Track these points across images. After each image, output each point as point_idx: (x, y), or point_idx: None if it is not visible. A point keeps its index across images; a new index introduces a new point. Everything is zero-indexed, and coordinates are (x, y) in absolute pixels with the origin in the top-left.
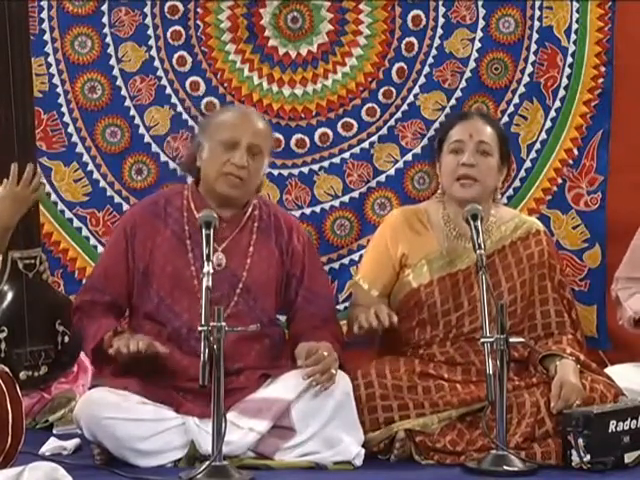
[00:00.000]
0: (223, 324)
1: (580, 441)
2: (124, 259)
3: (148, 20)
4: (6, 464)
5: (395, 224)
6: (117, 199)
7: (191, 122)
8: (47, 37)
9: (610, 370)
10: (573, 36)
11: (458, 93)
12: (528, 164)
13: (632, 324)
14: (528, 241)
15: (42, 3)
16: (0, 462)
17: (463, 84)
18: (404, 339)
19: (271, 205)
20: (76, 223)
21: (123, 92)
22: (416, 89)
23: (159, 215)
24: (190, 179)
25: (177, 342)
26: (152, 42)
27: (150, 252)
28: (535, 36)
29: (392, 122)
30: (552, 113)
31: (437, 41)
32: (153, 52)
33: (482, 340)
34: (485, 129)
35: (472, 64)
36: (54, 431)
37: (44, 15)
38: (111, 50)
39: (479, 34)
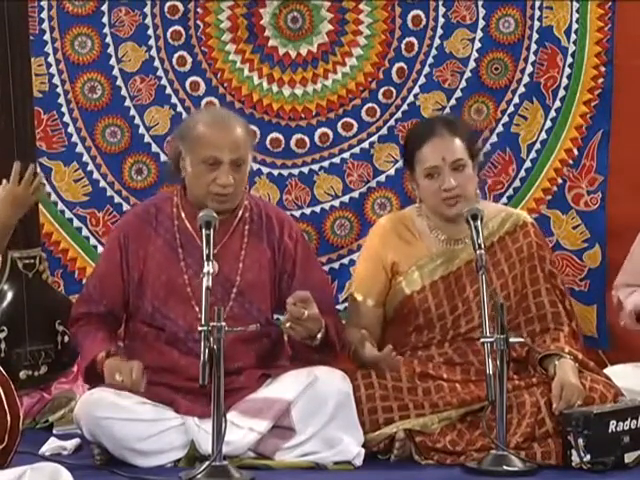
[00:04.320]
0: (223, 324)
1: (580, 441)
2: (119, 269)
3: (148, 20)
4: (12, 444)
5: (383, 233)
6: (117, 199)
7: None
8: (47, 37)
9: (610, 370)
10: (573, 36)
11: (458, 93)
12: (528, 164)
13: (633, 318)
14: (516, 234)
15: (42, 3)
16: (6, 443)
17: (463, 84)
18: (402, 342)
19: (262, 204)
20: (76, 223)
21: (123, 92)
22: (416, 89)
23: (150, 224)
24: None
25: (175, 344)
26: (152, 42)
27: (144, 262)
28: (535, 36)
29: (392, 122)
30: (552, 113)
31: (437, 41)
32: (153, 52)
33: (482, 340)
34: (454, 144)
35: (472, 64)
36: (54, 431)
37: (44, 15)
38: (111, 50)
39: (479, 34)
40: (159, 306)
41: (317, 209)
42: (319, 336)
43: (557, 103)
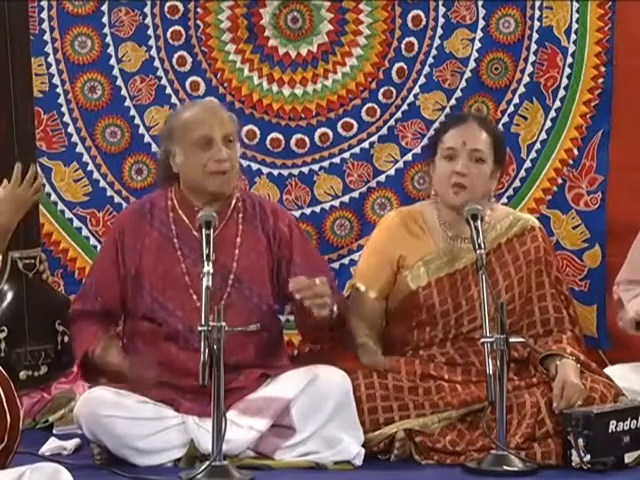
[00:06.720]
0: (223, 324)
1: (580, 441)
2: (115, 266)
3: (148, 20)
4: (12, 444)
5: (392, 226)
6: (117, 199)
7: None
8: (47, 37)
9: (610, 370)
10: (573, 36)
11: (458, 93)
12: (528, 164)
13: (633, 326)
14: (524, 237)
15: (42, 3)
16: (6, 443)
17: (463, 84)
18: (403, 340)
19: (253, 196)
20: (76, 223)
21: (123, 92)
22: (416, 89)
23: (145, 218)
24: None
25: (174, 338)
26: (152, 42)
27: (140, 254)
28: (535, 36)
29: (392, 122)
30: (552, 113)
31: (437, 41)
32: (153, 52)
33: (482, 340)
34: (480, 135)
35: (472, 64)
36: (54, 431)
37: (44, 15)
38: (111, 50)
39: (479, 34)
40: (157, 296)
41: (317, 209)
42: (335, 308)
43: (557, 103)
